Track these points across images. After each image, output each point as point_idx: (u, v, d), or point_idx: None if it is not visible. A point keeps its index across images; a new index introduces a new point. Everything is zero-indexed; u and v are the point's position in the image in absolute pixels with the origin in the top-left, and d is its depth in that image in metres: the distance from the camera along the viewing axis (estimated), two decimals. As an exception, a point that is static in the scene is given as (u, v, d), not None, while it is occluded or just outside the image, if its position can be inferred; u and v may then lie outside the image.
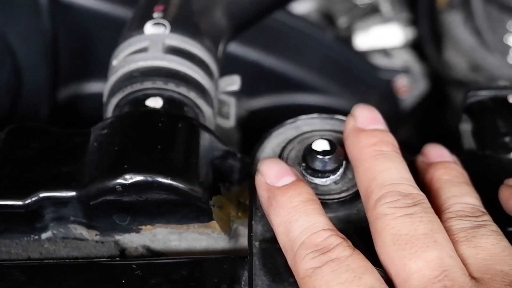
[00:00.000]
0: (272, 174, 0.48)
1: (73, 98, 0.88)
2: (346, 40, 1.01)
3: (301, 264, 0.44)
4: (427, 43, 1.07)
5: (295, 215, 0.46)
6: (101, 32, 0.82)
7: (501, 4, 0.95)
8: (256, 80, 0.91)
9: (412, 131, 1.07)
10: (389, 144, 0.49)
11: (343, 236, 0.45)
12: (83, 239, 0.52)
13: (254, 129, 0.63)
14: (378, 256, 0.45)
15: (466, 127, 0.61)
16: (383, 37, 1.05)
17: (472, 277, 0.43)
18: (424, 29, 1.08)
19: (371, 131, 0.50)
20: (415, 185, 0.47)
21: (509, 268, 0.43)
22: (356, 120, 0.51)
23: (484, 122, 0.59)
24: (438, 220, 0.45)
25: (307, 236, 0.45)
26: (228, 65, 0.88)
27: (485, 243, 0.45)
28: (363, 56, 1.00)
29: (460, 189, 0.49)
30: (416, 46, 1.08)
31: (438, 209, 0.47)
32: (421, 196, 0.46)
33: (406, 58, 1.05)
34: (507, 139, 0.57)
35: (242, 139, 0.86)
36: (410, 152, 0.56)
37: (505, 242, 0.45)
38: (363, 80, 0.98)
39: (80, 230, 0.52)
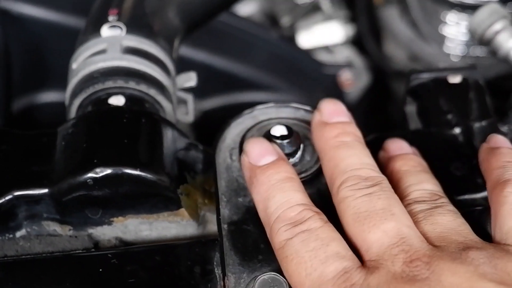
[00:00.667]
0: (255, 154, 0.51)
1: (28, 108, 0.89)
2: (290, 38, 1.04)
3: (276, 236, 0.47)
4: (367, 38, 1.11)
5: (272, 192, 0.49)
6: (53, 42, 0.83)
7: (435, -4, 0.99)
8: (206, 81, 0.93)
9: (358, 122, 1.11)
10: (351, 134, 0.52)
11: (318, 210, 0.49)
12: (57, 235, 0.54)
13: (207, 129, 0.66)
14: (346, 234, 0.48)
15: (411, 108, 0.65)
16: (325, 34, 1.09)
17: (431, 246, 0.46)
18: (363, 25, 1.12)
19: (335, 123, 0.53)
20: (376, 169, 0.51)
21: (464, 239, 0.47)
22: (321, 114, 0.54)
23: (427, 102, 0.63)
24: (396, 197, 0.49)
25: (282, 211, 0.48)
26: (178, 67, 0.91)
27: (441, 220, 0.48)
28: (307, 53, 1.04)
29: (418, 177, 0.52)
30: (356, 42, 1.12)
31: (399, 198, 0.50)
32: (381, 177, 0.50)
33: (347, 54, 1.09)
34: (449, 116, 0.61)
35: (196, 138, 0.88)
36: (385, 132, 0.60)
37: (461, 219, 0.49)
38: (309, 76, 1.01)
39: (53, 227, 0.54)
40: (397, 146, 0.56)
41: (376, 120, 1.11)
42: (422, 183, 0.52)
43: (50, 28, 0.83)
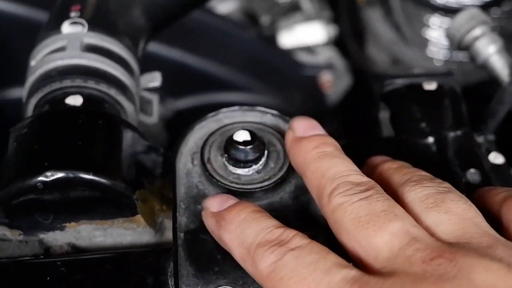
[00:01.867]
0: (216, 203, 0.48)
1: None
2: (269, 38, 1.02)
3: (261, 263, 0.43)
4: (349, 39, 1.10)
5: (245, 225, 0.46)
6: (20, 36, 0.81)
7: (417, -1, 0.97)
8: (180, 80, 0.91)
9: (339, 125, 1.09)
10: (330, 145, 0.49)
11: (297, 230, 0.45)
12: (6, 239, 0.51)
13: (181, 128, 0.63)
14: (344, 247, 0.45)
15: (384, 114, 0.62)
16: (306, 35, 1.07)
17: (446, 242, 0.42)
18: (346, 26, 1.10)
19: (311, 136, 0.50)
20: (365, 175, 0.47)
21: (483, 231, 0.43)
22: (294, 131, 0.51)
23: (400, 109, 0.61)
24: (393, 200, 0.45)
25: (262, 236, 0.44)
26: (152, 65, 0.88)
27: (456, 208, 0.45)
28: (286, 53, 1.02)
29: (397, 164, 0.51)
30: (338, 43, 1.10)
31: (388, 188, 0.47)
32: (372, 182, 0.46)
33: (329, 55, 1.07)
34: (422, 124, 0.59)
35: (168, 139, 0.86)
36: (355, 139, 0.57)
37: (474, 207, 0.45)
38: (287, 77, 0.99)
39: (2, 231, 0.51)
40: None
41: (356, 123, 1.09)
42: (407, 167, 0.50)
43: (17, 22, 0.80)
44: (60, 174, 0.48)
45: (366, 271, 0.42)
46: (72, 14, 0.59)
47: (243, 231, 0.45)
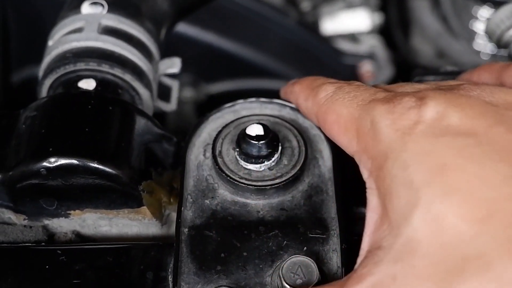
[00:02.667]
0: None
1: (27, 81, 0.86)
2: (310, 24, 0.99)
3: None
4: (395, 29, 1.06)
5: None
6: (52, 14, 0.80)
7: (467, -11, 0.93)
8: (215, 64, 0.90)
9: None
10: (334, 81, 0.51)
11: None
12: (11, 223, 0.50)
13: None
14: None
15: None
16: (350, 22, 1.04)
17: None
18: (393, 15, 1.06)
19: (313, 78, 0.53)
20: None
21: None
22: (293, 85, 0.53)
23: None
24: None
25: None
26: (188, 48, 0.87)
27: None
28: (326, 41, 0.98)
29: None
30: (383, 32, 1.06)
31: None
32: None
33: (373, 44, 1.04)
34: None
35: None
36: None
37: None
38: (326, 65, 0.96)
39: (8, 214, 0.50)
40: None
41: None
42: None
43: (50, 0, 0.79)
44: (63, 161, 0.47)
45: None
46: (93, -6, 0.57)
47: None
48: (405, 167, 0.40)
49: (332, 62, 0.97)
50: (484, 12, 0.93)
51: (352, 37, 1.04)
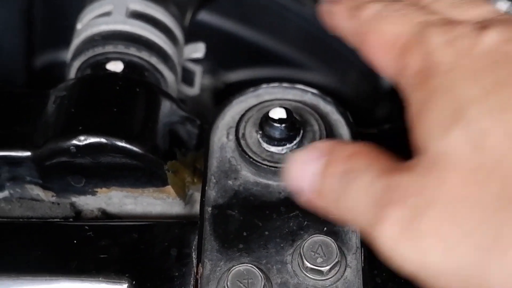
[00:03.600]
0: None
1: (50, 64, 0.88)
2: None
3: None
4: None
5: None
6: (77, -1, 0.81)
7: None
8: (234, 52, 0.91)
9: (394, 108, 1.07)
10: None
11: None
12: (39, 199, 0.52)
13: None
14: None
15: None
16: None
17: None
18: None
19: None
20: None
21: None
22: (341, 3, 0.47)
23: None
24: None
25: None
26: (207, 36, 0.88)
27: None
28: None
29: None
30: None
31: None
32: None
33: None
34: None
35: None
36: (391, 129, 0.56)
37: None
38: (343, 55, 0.97)
39: (36, 191, 0.52)
40: None
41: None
42: None
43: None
44: (92, 139, 0.49)
45: None
46: (121, -21, 0.59)
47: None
48: (455, 80, 0.35)
49: (348, 53, 0.98)
50: (502, 5, 0.94)
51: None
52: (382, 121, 0.93)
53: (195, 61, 0.63)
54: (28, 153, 0.50)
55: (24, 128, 0.51)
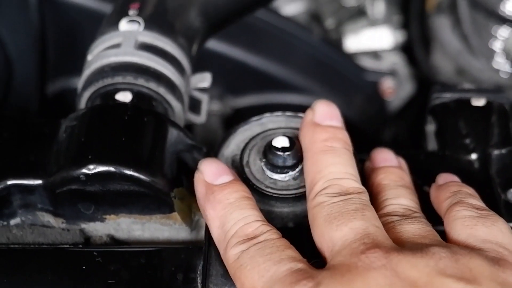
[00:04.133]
0: (211, 173, 0.51)
1: (62, 92, 0.90)
2: (334, 41, 1.02)
3: (231, 250, 0.47)
4: (417, 46, 1.09)
5: (230, 209, 0.48)
6: (89, 27, 0.83)
7: (487, 9, 0.96)
8: (242, 78, 0.93)
9: (402, 131, 1.09)
10: (340, 140, 0.51)
11: (273, 226, 0.48)
12: (50, 226, 0.54)
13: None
14: (315, 241, 0.47)
15: (430, 128, 0.62)
16: (372, 39, 1.07)
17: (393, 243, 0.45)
18: (414, 32, 1.09)
19: (326, 126, 0.52)
20: (358, 180, 0.49)
21: (429, 240, 0.46)
22: (314, 114, 0.53)
23: (446, 124, 0.60)
24: (371, 207, 0.48)
25: (240, 227, 0.47)
26: (215, 63, 0.90)
27: (409, 228, 0.47)
28: (349, 57, 1.02)
29: (396, 192, 0.51)
30: (405, 49, 1.09)
31: (375, 210, 0.49)
32: (361, 189, 0.49)
33: (395, 61, 1.07)
34: (467, 140, 0.58)
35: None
36: (399, 151, 0.58)
37: (430, 227, 0.48)
38: (349, 81, 0.99)
39: (47, 218, 0.54)
40: (383, 158, 0.55)
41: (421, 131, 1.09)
42: (399, 197, 0.51)
43: (86, 13, 0.83)
44: (101, 168, 0.50)
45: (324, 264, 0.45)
46: (131, 12, 0.61)
47: (226, 216, 0.48)
48: None
49: (354, 78, 1.00)
50: (504, 31, 0.96)
51: (374, 54, 1.07)
52: (388, 144, 0.94)
53: (203, 89, 0.65)
54: (40, 181, 0.52)
55: (36, 157, 0.53)
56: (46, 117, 0.87)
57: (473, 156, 0.58)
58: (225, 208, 0.48)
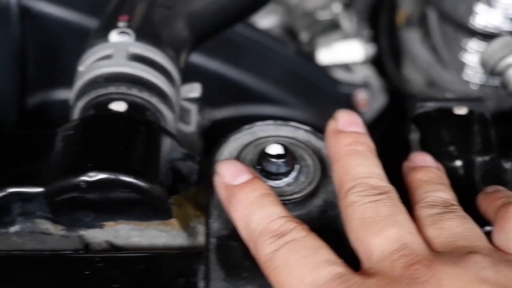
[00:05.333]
0: (229, 174, 0.52)
1: (41, 105, 0.90)
2: (308, 54, 1.05)
3: (262, 250, 0.48)
4: (387, 59, 1.12)
5: (252, 209, 0.49)
6: (69, 41, 0.84)
7: (456, 22, 0.99)
8: (219, 91, 0.94)
9: (375, 142, 1.11)
10: (364, 144, 0.53)
11: (298, 220, 0.49)
12: (49, 233, 0.54)
13: (216, 138, 0.66)
14: (350, 241, 0.49)
15: (414, 136, 0.64)
16: (344, 52, 1.09)
17: (434, 252, 0.47)
18: (384, 46, 1.12)
19: (349, 132, 0.54)
20: (385, 179, 0.51)
21: (470, 244, 0.48)
22: (337, 122, 0.55)
23: (430, 132, 0.62)
24: (403, 206, 0.50)
25: (264, 225, 0.48)
26: (193, 75, 0.91)
27: (449, 225, 0.49)
28: (324, 70, 1.04)
29: (436, 187, 0.53)
30: (376, 62, 1.12)
31: (413, 203, 0.52)
32: (389, 187, 0.51)
33: (366, 73, 1.09)
34: (451, 148, 0.60)
35: (204, 147, 0.89)
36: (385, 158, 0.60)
37: (471, 224, 0.50)
38: (323, 93, 1.02)
39: (46, 225, 0.54)
40: (422, 159, 0.57)
41: (392, 141, 1.11)
42: (438, 191, 0.53)
43: (67, 27, 0.84)
44: (102, 175, 0.51)
45: (360, 268, 0.47)
46: (120, 24, 0.62)
47: (249, 215, 0.49)
48: None
49: (328, 91, 1.03)
50: (473, 44, 0.99)
51: (346, 67, 1.09)
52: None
53: (189, 100, 0.66)
54: (39, 189, 0.52)
55: (35, 166, 0.53)
56: (25, 129, 0.87)
57: (458, 163, 0.60)
58: (247, 208, 0.50)
